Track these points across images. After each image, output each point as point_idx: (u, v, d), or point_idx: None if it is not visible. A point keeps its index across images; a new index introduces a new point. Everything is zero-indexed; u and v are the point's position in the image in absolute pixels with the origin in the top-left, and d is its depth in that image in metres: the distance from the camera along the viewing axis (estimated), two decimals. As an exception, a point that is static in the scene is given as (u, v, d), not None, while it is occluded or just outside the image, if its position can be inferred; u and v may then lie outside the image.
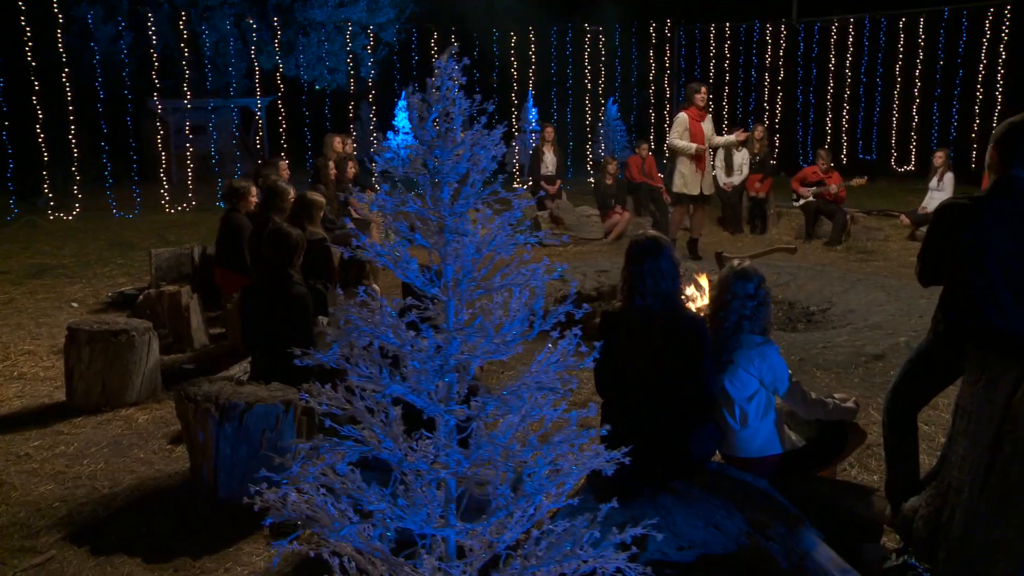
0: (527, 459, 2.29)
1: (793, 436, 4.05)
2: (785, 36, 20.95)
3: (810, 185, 12.17)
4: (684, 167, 10.24)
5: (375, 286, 5.87)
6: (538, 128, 20.94)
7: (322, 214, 6.74)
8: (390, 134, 20.90)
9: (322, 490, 2.46)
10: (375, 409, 2.46)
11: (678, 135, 10.24)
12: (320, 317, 5.89)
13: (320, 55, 21.20)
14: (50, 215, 14.55)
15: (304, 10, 21.28)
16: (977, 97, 18.59)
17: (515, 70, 18.70)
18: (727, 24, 20.82)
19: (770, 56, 21.02)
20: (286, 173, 9.52)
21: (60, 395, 6.20)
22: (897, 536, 4.00)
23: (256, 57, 18.77)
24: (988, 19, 18.16)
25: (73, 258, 11.52)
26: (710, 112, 11.00)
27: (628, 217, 12.36)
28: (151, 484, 4.86)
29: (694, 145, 10.15)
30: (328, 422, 2.36)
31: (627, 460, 2.44)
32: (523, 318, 2.40)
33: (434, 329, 2.41)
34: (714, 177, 11.79)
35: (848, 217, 12.08)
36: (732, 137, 11.25)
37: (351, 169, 10.19)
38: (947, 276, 3.83)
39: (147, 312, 7.33)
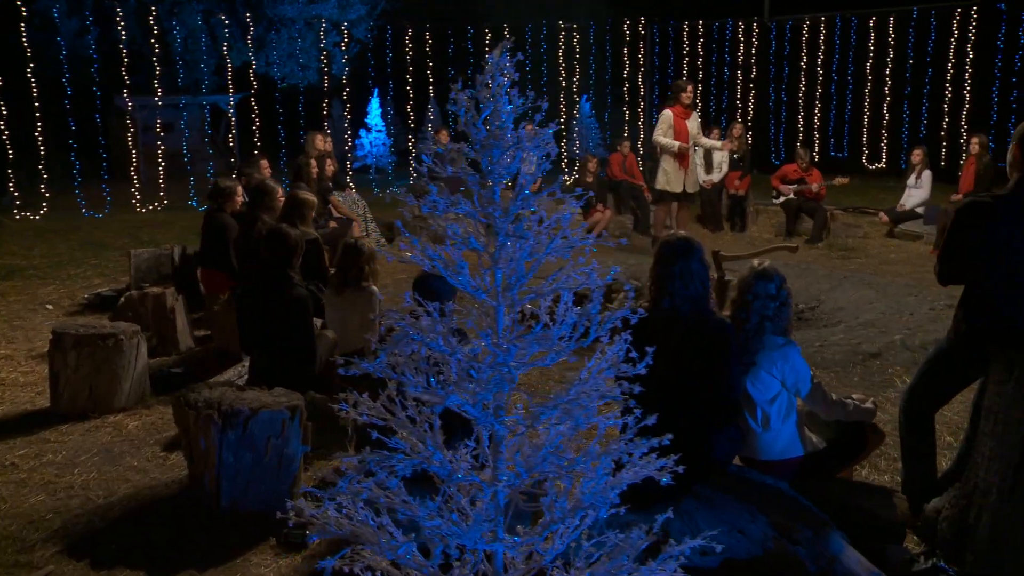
0: (586, 469, 2.20)
1: (814, 438, 4.01)
2: (757, 34, 21.05)
3: (791, 183, 12.21)
4: (667, 165, 10.22)
5: (374, 287, 5.75)
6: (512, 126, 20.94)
7: (313, 214, 6.61)
8: (363, 132, 20.68)
9: (359, 504, 2.36)
10: (417, 419, 2.36)
11: (663, 132, 10.21)
12: (315, 319, 5.76)
13: (291, 52, 20.93)
14: (16, 214, 14.19)
15: (274, 6, 21.00)
16: (946, 96, 18.81)
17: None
18: (700, 22, 20.86)
19: (742, 54, 21.10)
20: (268, 171, 9.35)
21: (43, 401, 6.01)
22: (915, 538, 3.98)
23: (226, 53, 18.47)
24: (955, 19, 18.38)
25: (44, 259, 11.23)
26: (696, 110, 10.99)
27: (609, 215, 12.31)
28: (148, 493, 4.71)
29: (677, 143, 10.13)
30: (375, 435, 2.25)
31: (681, 469, 2.36)
32: (573, 323, 2.31)
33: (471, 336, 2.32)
34: (697, 175, 11.77)
35: (828, 214, 12.13)
36: (717, 144, 11.26)
37: (330, 167, 10.02)
38: (969, 275, 3.80)
39: (129, 314, 7.13)
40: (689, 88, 10.40)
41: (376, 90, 20.62)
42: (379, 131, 20.74)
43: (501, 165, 2.24)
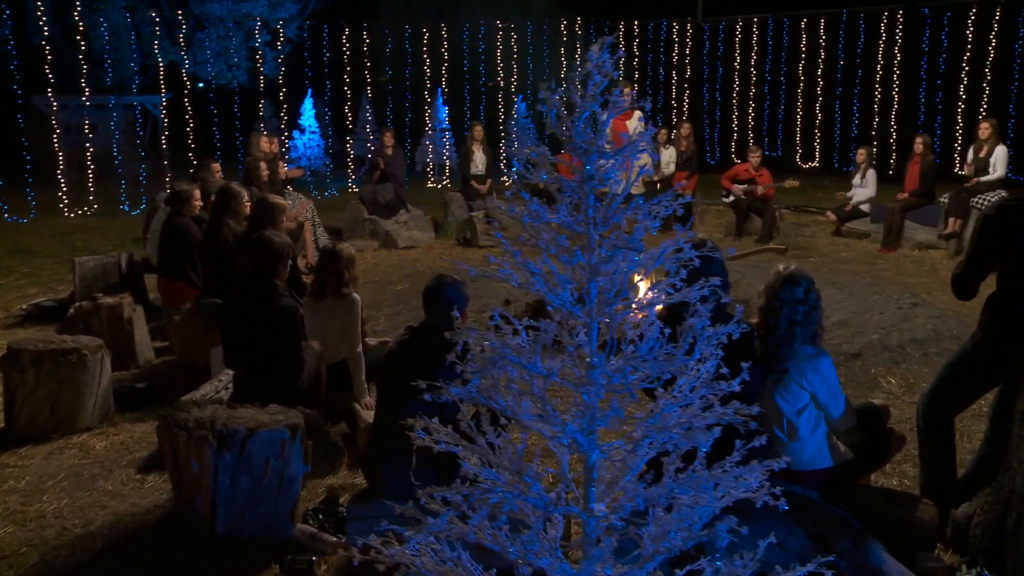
0: (699, 496, 2.05)
1: (841, 446, 3.92)
2: (691, 35, 21.25)
3: (741, 183, 12.28)
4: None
5: (355, 293, 5.51)
6: (448, 127, 20.71)
7: (284, 218, 6.32)
8: (296, 133, 20.18)
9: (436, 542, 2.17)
10: (498, 446, 2.18)
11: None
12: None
13: (219, 51, 20.33)
14: (-67, 221, 13.44)
15: (202, 3, 20.36)
16: (875, 96, 19.26)
17: (427, 67, 18.33)
18: (635, 22, 20.97)
19: (677, 54, 21.29)
20: (219, 175, 8.97)
21: (-4, 422, 5.61)
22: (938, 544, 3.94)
23: (151, 52, 17.83)
24: (883, 22, 18.84)
25: (-31, 268, 10.62)
26: (638, 110, 10.89)
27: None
28: (130, 520, 4.39)
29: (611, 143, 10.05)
30: (467, 465, 2.06)
31: (778, 490, 2.23)
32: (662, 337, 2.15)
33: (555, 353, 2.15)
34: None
35: (777, 214, 12.23)
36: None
37: (283, 169, 9.69)
38: (999, 278, 3.77)
39: (80, 326, 6.72)
40: (627, 89, 10.30)
41: (310, 90, 20.12)
42: (313, 132, 20.26)
43: (600, 171, 2.07)
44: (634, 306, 2.09)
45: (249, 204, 6.71)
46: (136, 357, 6.70)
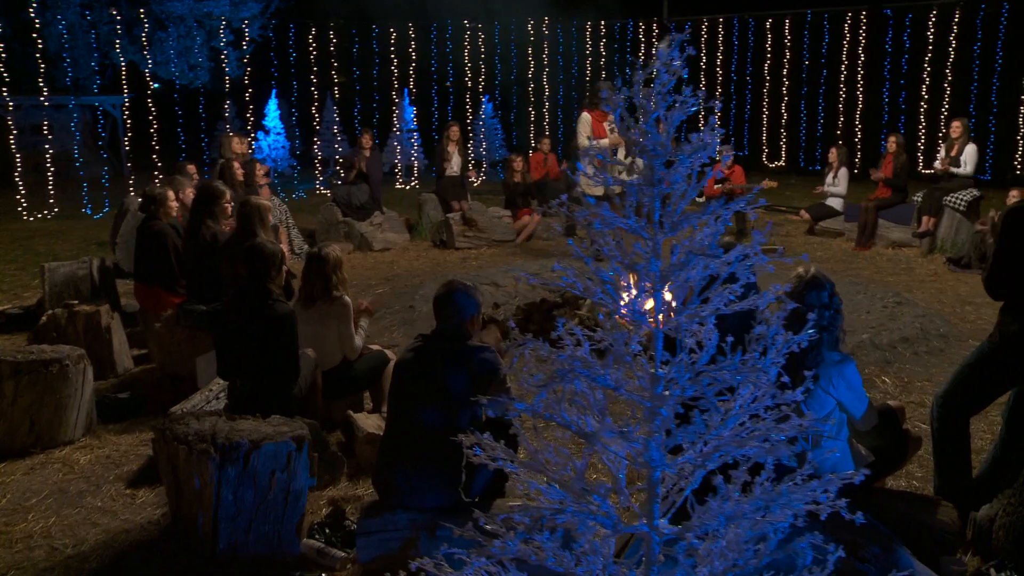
0: (772, 511, 1.96)
1: (863, 450, 3.86)
2: (656, 34, 21.29)
3: (720, 183, 12.28)
4: (587, 168, 10.02)
5: (346, 297, 5.36)
6: (415, 127, 20.52)
7: (272, 219, 6.14)
8: (261, 135, 19.85)
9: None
10: (558, 463, 2.08)
11: (585, 135, 10.03)
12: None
13: (181, 51, 19.94)
14: None
15: (162, 2, 19.95)
16: (840, 96, 19.45)
17: (395, 67, 18.14)
18: (602, 22, 20.96)
19: (643, 54, 21.31)
20: (196, 177, 8.75)
21: (-29, 437, 5.36)
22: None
23: (111, 52, 17.43)
24: (847, 23, 19.02)
25: (-72, 274, 10.26)
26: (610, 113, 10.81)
27: (537, 219, 12.11)
28: (124, 538, 4.21)
29: (605, 139, 9.99)
30: (536, 485, 1.95)
31: (845, 503, 2.16)
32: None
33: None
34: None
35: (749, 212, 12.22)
36: (615, 138, 11.09)
37: (259, 171, 9.48)
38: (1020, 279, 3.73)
39: (53, 335, 6.50)
40: (609, 90, 10.25)
41: (275, 91, 19.80)
42: (278, 134, 19.94)
43: (668, 174, 1.97)
44: (705, 313, 1.99)
45: (230, 204, 6.52)
46: (115, 366, 6.48)
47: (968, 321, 7.69)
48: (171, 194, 7.05)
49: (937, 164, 11.11)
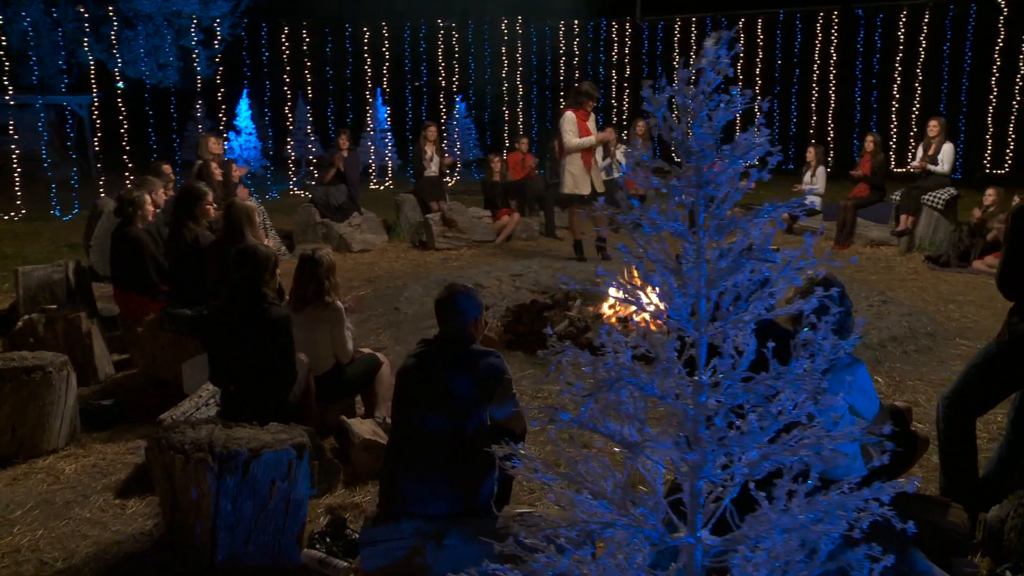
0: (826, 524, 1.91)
1: (872, 452, 3.83)
2: (630, 34, 21.33)
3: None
4: (573, 167, 9.97)
5: (339, 303, 5.26)
6: (389, 127, 20.38)
7: (259, 220, 6.03)
8: (232, 135, 19.60)
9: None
10: (598, 473, 2.01)
11: (573, 134, 9.97)
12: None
13: (150, 50, 19.63)
14: None
15: (129, 0, 19.63)
16: (813, 95, 19.60)
17: (368, 67, 17.99)
18: (575, 22, 20.94)
19: (616, 53, 21.35)
20: (173, 178, 8.58)
21: (-52, 447, 5.19)
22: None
23: (77, 51, 17.12)
24: (819, 22, 19.16)
25: None
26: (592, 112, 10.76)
27: (517, 219, 12.04)
28: (115, 550, 4.08)
29: (592, 137, 9.96)
30: (581, 498, 1.88)
31: (891, 512, 2.11)
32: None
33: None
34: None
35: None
36: (602, 135, 11.05)
37: (236, 171, 9.33)
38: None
39: (30, 340, 6.32)
40: (596, 95, 10.26)
41: (246, 91, 19.56)
42: (250, 134, 19.70)
43: (714, 176, 1.91)
44: (748, 319, 1.93)
45: (212, 206, 6.39)
46: (96, 371, 6.32)
47: (953, 319, 7.73)
48: (148, 198, 6.89)
49: (915, 162, 11.19)
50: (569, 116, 10.01)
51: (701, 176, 1.87)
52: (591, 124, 10.18)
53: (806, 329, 2.04)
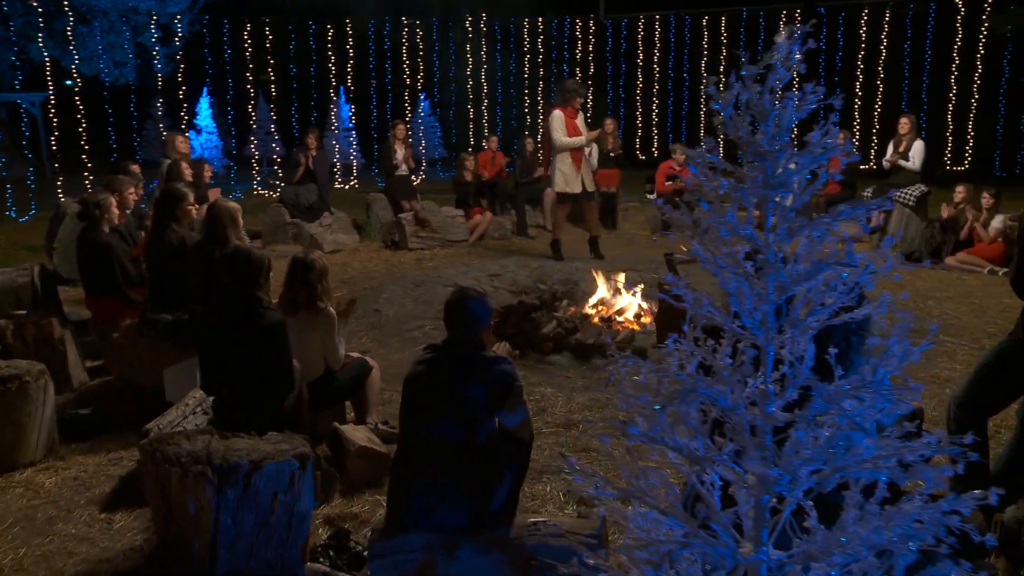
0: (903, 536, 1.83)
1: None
2: (594, 31, 21.31)
3: (671, 180, 12.28)
4: (564, 166, 9.90)
5: (331, 309, 5.10)
6: (352, 126, 20.14)
7: (241, 220, 5.84)
8: (192, 134, 19.21)
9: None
10: (658, 488, 1.92)
11: (563, 133, 9.88)
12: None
13: (105, 46, 19.16)
14: None
15: (83, -5, 19.15)
16: (776, 93, 19.69)
17: (333, 64, 17.74)
18: (540, 19, 20.87)
19: (580, 51, 21.32)
20: (141, 177, 8.33)
21: (-81, 461, 4.96)
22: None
23: (29, 47, 16.66)
24: (782, 20, 19.31)
25: None
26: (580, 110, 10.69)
27: (489, 218, 11.93)
28: (106, 568, 3.90)
29: (583, 137, 9.88)
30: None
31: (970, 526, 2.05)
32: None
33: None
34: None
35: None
36: (592, 134, 11.01)
37: (207, 171, 9.10)
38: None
39: (-2, 348, 6.09)
40: (582, 91, 10.19)
41: (206, 89, 19.18)
42: (211, 132, 19.34)
43: (786, 177, 1.83)
44: (815, 326, 1.85)
45: (194, 207, 6.19)
46: (70, 379, 6.10)
47: (933, 316, 7.77)
48: (113, 200, 6.65)
49: (887, 159, 11.26)
50: (557, 115, 9.92)
51: (769, 177, 1.78)
52: (579, 122, 10.11)
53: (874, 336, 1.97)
